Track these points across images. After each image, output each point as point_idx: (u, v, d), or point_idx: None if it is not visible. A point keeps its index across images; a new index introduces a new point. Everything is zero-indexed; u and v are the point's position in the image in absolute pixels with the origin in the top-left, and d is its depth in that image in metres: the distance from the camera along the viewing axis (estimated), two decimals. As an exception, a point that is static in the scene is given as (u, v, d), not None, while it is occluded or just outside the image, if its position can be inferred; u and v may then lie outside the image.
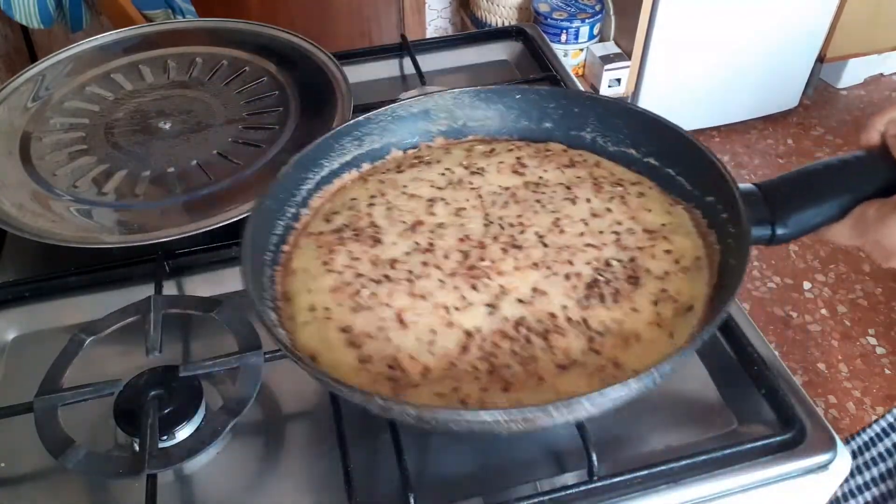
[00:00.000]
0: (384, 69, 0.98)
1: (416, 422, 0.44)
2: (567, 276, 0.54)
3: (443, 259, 0.56)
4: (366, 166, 0.66)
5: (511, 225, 0.59)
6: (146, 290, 0.65)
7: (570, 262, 0.55)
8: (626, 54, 2.05)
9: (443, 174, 0.64)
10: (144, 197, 0.71)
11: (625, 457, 0.54)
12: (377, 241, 0.58)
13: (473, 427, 0.44)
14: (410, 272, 0.55)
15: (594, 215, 0.59)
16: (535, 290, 0.53)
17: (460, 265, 0.55)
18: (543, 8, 2.01)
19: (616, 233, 0.57)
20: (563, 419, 0.44)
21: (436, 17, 2.34)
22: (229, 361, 0.56)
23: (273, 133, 0.78)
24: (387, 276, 0.55)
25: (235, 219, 0.66)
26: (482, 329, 0.51)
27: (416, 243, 0.57)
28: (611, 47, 2.07)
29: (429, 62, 0.96)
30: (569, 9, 2.01)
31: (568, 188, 0.61)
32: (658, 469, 0.51)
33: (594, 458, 0.50)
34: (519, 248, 0.56)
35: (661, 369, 0.43)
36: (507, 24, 2.01)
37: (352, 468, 0.52)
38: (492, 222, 0.59)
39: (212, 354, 0.57)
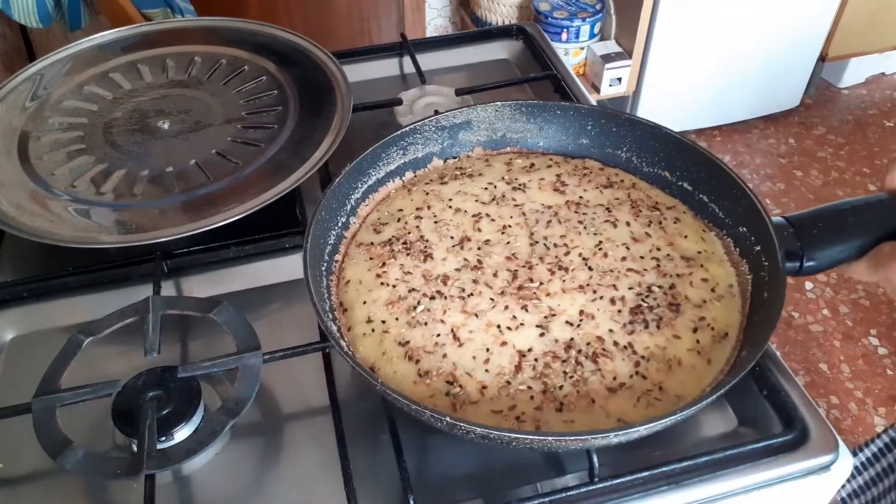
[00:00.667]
0: (384, 68, 0.98)
1: (478, 438, 0.46)
2: (612, 301, 0.56)
3: (492, 277, 0.58)
4: (408, 175, 0.69)
5: (556, 245, 0.61)
6: (145, 291, 0.65)
7: (615, 287, 0.57)
8: (627, 53, 2.04)
9: (486, 188, 0.66)
10: (143, 197, 0.71)
11: (626, 458, 0.54)
12: (428, 255, 0.60)
13: (534, 446, 0.47)
14: (462, 289, 0.57)
15: (635, 240, 0.61)
16: (582, 312, 0.56)
17: (509, 284, 0.58)
18: (544, 7, 2.01)
19: (656, 259, 0.59)
20: (618, 441, 0.47)
21: (436, 16, 2.34)
22: (228, 362, 0.56)
23: (272, 132, 0.77)
24: (439, 293, 0.57)
25: (234, 219, 0.66)
26: (534, 349, 0.53)
27: (466, 260, 0.60)
28: (612, 46, 2.07)
29: (429, 61, 0.95)
30: (569, 7, 2.01)
31: (608, 210, 0.64)
32: (659, 470, 0.51)
33: (595, 459, 0.50)
34: (565, 269, 0.59)
35: (709, 400, 0.46)
36: (507, 22, 2.01)
37: (351, 468, 0.52)
38: (537, 242, 0.61)
39: (210, 355, 0.57)
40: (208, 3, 1.52)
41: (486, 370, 0.52)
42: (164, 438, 0.52)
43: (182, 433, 0.53)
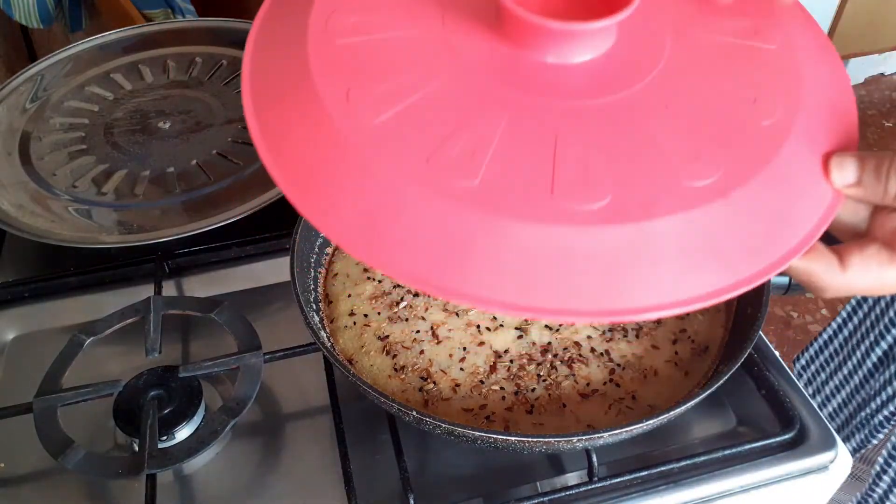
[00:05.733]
0: (384, 69, 0.97)
1: (444, 434, 0.46)
2: None
3: None
4: None
5: None
6: (146, 291, 0.65)
7: None
8: (627, 54, 2.05)
9: None
10: (144, 197, 0.71)
11: (625, 457, 0.54)
12: None
13: (499, 445, 0.46)
14: None
15: None
16: None
17: None
18: (543, 7, 2.01)
19: None
20: (582, 446, 0.47)
21: (436, 16, 2.34)
22: (229, 362, 0.56)
23: (273, 133, 0.77)
24: None
25: (235, 219, 0.66)
26: (511, 351, 0.54)
27: None
28: (611, 47, 2.07)
29: (429, 62, 0.95)
30: (569, 8, 2.01)
31: None
32: (658, 470, 0.51)
33: (594, 458, 0.50)
34: None
35: (677, 412, 0.46)
36: (507, 23, 2.01)
37: (352, 468, 0.52)
38: None
39: (211, 355, 0.57)
40: (209, 3, 1.52)
41: (461, 368, 0.53)
42: (165, 438, 0.52)
43: (183, 433, 0.53)
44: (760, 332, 0.60)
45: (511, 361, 0.53)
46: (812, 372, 0.86)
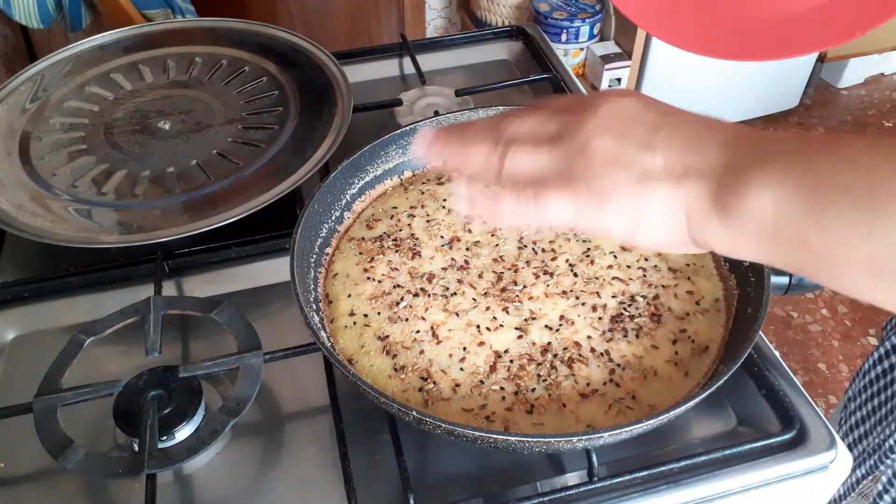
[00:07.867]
0: (384, 69, 0.98)
1: (444, 434, 0.46)
2: (594, 308, 0.56)
3: (477, 278, 0.59)
4: (407, 174, 0.70)
5: (544, 250, 0.61)
6: (146, 291, 0.65)
7: (598, 294, 0.57)
8: (627, 54, 2.04)
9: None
10: (144, 197, 0.71)
11: (625, 457, 0.54)
12: (416, 253, 0.61)
13: (499, 445, 0.46)
14: (446, 288, 0.58)
15: (623, 248, 0.61)
16: (562, 318, 0.56)
17: (493, 286, 0.58)
18: (544, 7, 2.01)
19: (643, 269, 0.59)
20: (582, 446, 0.47)
21: (436, 16, 2.34)
22: (229, 362, 0.56)
23: (272, 133, 0.77)
24: (423, 290, 0.58)
25: (235, 219, 0.66)
26: (510, 351, 0.54)
27: (453, 259, 0.60)
28: (611, 47, 2.07)
29: (429, 62, 0.96)
30: (569, 8, 2.01)
31: None
32: (658, 470, 0.51)
33: (594, 458, 0.50)
34: (550, 274, 0.59)
35: (677, 412, 0.46)
36: (507, 23, 2.01)
37: (351, 468, 0.52)
38: (525, 245, 0.61)
39: (211, 355, 0.57)
40: (209, 3, 1.52)
41: (461, 368, 0.53)
42: (165, 438, 0.52)
43: (183, 433, 0.53)
44: (760, 332, 0.60)
45: (511, 361, 0.53)
46: (855, 406, 0.85)
